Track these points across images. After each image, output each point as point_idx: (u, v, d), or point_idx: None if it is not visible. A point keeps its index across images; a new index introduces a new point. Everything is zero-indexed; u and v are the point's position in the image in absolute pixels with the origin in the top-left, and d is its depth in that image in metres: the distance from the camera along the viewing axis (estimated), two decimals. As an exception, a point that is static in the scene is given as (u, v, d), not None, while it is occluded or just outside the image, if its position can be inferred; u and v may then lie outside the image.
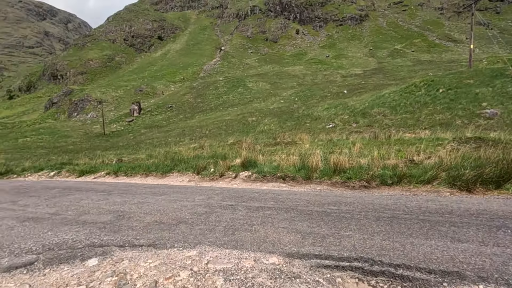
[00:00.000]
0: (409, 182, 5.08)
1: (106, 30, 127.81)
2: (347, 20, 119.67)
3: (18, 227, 4.27)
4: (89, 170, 10.25)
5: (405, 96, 26.33)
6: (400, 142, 9.83)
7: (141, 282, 2.37)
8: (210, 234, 3.32)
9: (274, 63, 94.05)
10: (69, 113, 71.70)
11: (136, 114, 61.54)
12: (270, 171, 6.61)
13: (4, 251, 3.35)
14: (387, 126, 20.26)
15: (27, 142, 46.71)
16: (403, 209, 3.74)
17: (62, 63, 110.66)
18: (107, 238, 3.45)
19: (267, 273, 2.35)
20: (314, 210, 3.96)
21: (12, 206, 5.87)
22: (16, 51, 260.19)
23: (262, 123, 32.65)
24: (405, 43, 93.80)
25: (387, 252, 2.56)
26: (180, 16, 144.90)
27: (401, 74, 57.38)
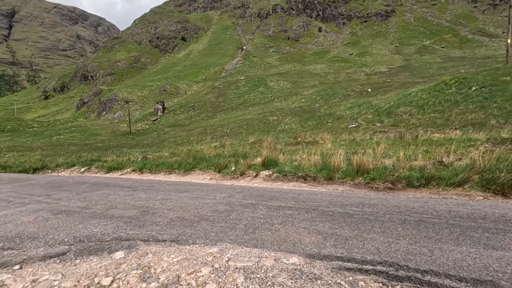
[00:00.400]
0: (437, 185, 4.84)
1: (133, 32, 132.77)
2: (372, 16, 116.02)
3: (52, 219, 4.55)
4: (116, 166, 10.70)
5: (433, 95, 25.11)
6: (428, 143, 9.39)
7: (164, 276, 2.44)
8: (231, 232, 3.35)
9: (295, 62, 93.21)
10: (98, 112, 75.32)
11: (160, 113, 63.44)
12: (291, 170, 6.56)
13: (40, 241, 3.58)
14: (414, 126, 19.43)
15: (61, 139, 49.59)
16: (431, 213, 3.57)
17: (92, 65, 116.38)
18: (133, 232, 3.58)
19: (288, 273, 2.33)
20: (336, 211, 3.88)
21: (47, 199, 6.26)
22: (51, 54, 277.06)
23: (283, 122, 32.49)
24: (435, 39, 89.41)
25: (413, 257, 2.45)
26: (202, 16, 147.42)
27: (430, 71, 54.80)
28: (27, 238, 3.74)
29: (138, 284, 2.36)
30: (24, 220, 4.64)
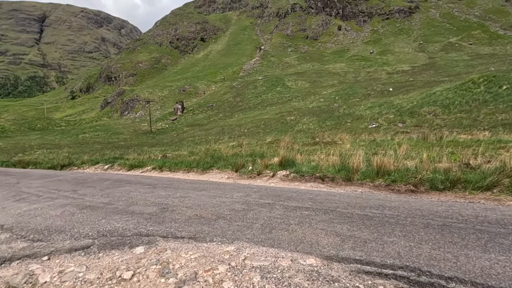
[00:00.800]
0: (464, 188, 4.62)
1: (154, 34, 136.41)
2: (395, 13, 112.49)
3: (78, 213, 4.76)
4: (138, 164, 11.04)
5: (460, 94, 23.99)
6: (453, 144, 8.98)
7: (182, 272, 2.49)
8: (248, 231, 3.36)
9: (314, 61, 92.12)
10: (121, 112, 78.06)
11: (180, 113, 64.78)
12: (308, 171, 6.49)
13: (66, 234, 3.76)
14: (439, 127, 18.65)
15: (86, 137, 51.83)
16: (457, 217, 3.41)
17: (116, 66, 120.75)
18: (152, 229, 3.68)
19: (304, 274, 2.31)
20: (354, 213, 3.80)
21: (73, 194, 6.56)
22: (78, 56, 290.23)
23: (300, 122, 32.21)
24: (462, 36, 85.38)
25: (437, 262, 2.36)
26: (221, 17, 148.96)
27: (456, 69, 52.40)
28: (55, 231, 3.94)
29: (157, 279, 2.42)
30: (52, 214, 4.90)
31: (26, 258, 3.11)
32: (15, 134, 66.11)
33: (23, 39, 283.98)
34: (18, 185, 9.18)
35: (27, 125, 75.79)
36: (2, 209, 5.68)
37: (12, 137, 60.59)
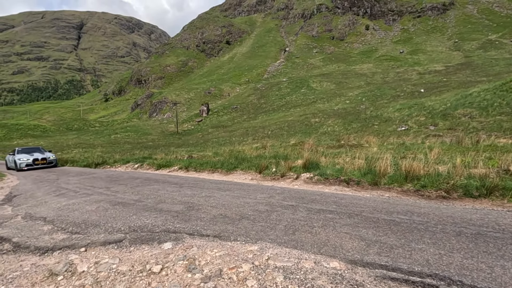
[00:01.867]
0: (502, 196, 4.33)
1: (182, 38, 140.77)
2: (427, 10, 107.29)
3: (111, 209, 5.06)
4: (165, 164, 11.47)
5: (500, 95, 22.35)
6: (491, 149, 8.41)
7: (208, 268, 2.59)
8: (271, 232, 3.40)
9: (340, 62, 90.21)
10: (149, 114, 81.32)
11: (205, 114, 66.23)
12: (333, 173, 6.39)
13: (101, 228, 4.02)
14: (475, 130, 17.51)
15: (117, 138, 54.55)
16: (493, 226, 3.21)
17: (145, 70, 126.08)
18: (179, 226, 3.83)
19: (328, 276, 2.31)
20: (381, 217, 3.70)
21: (106, 191, 6.97)
22: (111, 61, 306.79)
23: (325, 124, 31.68)
24: (502, 32, 79.54)
25: (469, 272, 2.25)
26: (246, 20, 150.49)
27: (496, 69, 48.89)
28: (91, 224, 4.23)
29: (184, 274, 2.53)
30: (88, 209, 5.25)
31: (66, 249, 3.38)
32: (54, 134, 71.22)
33: (63, 46, 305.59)
34: (57, 181, 9.91)
35: (65, 126, 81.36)
36: (45, 202, 6.18)
37: (52, 136, 65.32)
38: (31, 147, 18.44)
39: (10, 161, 16.78)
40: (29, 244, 3.61)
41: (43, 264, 3.02)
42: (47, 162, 16.28)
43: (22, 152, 16.70)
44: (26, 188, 8.95)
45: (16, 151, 16.97)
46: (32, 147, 18.47)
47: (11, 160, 16.66)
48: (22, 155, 16.09)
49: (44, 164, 16.05)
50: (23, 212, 5.39)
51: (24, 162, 15.44)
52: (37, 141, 56.93)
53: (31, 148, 18.00)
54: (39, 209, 5.58)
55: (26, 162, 15.51)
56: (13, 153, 16.91)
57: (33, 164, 15.61)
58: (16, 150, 17.01)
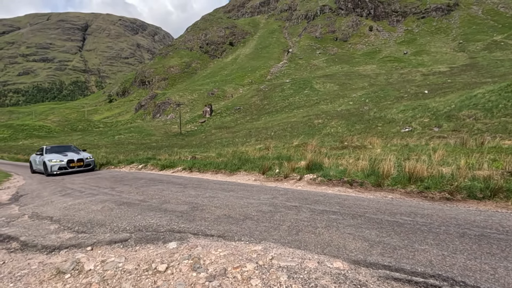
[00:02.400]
0: (506, 198, 4.32)
1: (185, 40, 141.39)
2: (431, 11, 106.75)
3: (116, 209, 5.12)
4: (169, 165, 11.54)
5: (505, 96, 22.17)
6: (496, 150, 8.36)
7: (212, 267, 2.62)
8: (275, 232, 3.43)
9: (343, 63, 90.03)
10: (153, 114, 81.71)
11: (208, 115, 66.41)
12: (336, 175, 6.40)
13: (106, 227, 4.08)
14: (479, 132, 17.40)
15: (121, 138, 54.87)
16: (497, 228, 3.21)
17: (149, 71, 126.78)
18: (184, 226, 3.87)
19: (331, 276, 2.33)
20: (384, 219, 3.72)
21: (111, 191, 7.04)
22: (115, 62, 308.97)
23: (328, 125, 31.63)
24: (508, 33, 78.88)
25: (472, 273, 2.26)
26: (250, 21, 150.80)
27: (501, 70, 48.50)
28: (96, 224, 4.28)
29: (189, 272, 2.57)
30: (93, 208, 5.31)
31: (72, 248, 3.43)
32: (59, 134, 71.86)
33: (68, 47, 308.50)
34: (63, 181, 10.02)
35: (69, 126, 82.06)
36: (51, 202, 6.26)
37: (57, 137, 65.90)
38: (62, 145, 15.01)
39: (37, 162, 13.56)
40: (36, 242, 3.68)
41: (50, 262, 3.08)
42: (84, 165, 12.93)
43: (52, 152, 13.50)
44: (32, 188, 9.06)
45: (44, 150, 13.66)
46: (63, 145, 15.06)
47: (38, 161, 13.45)
48: (53, 155, 12.85)
49: (80, 167, 12.80)
50: (30, 212, 5.47)
51: (56, 165, 12.14)
52: (42, 141, 57.49)
53: (62, 147, 14.68)
54: (45, 208, 5.66)
55: (59, 165, 12.19)
56: (41, 152, 13.62)
57: (67, 167, 12.36)
58: (44, 149, 13.72)
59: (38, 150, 14.47)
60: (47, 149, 13.75)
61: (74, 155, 13.02)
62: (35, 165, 13.93)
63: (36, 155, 14.18)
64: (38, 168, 13.45)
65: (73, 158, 12.68)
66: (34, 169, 14.26)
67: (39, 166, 13.21)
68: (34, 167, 14.12)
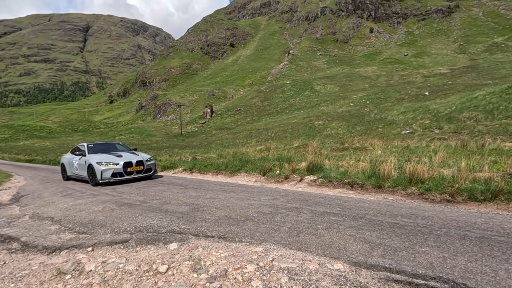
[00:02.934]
0: (507, 200, 4.31)
1: (186, 41, 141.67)
2: (432, 13, 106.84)
3: (117, 210, 5.13)
4: (169, 166, 11.55)
5: (506, 98, 22.16)
6: (497, 152, 8.35)
7: (213, 269, 2.62)
8: (275, 234, 3.43)
9: (344, 64, 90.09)
10: (154, 115, 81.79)
11: (209, 116, 66.46)
12: (336, 176, 6.40)
13: (107, 228, 4.08)
14: (480, 133, 17.38)
15: (122, 139, 54.93)
16: (497, 230, 3.21)
17: (150, 72, 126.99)
18: (185, 227, 3.88)
19: (332, 278, 2.33)
20: (385, 220, 3.71)
21: (112, 192, 7.05)
22: (116, 63, 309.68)
23: (329, 127, 31.63)
24: (509, 35, 78.85)
25: (473, 275, 2.26)
26: (251, 23, 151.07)
27: (502, 72, 48.48)
28: (97, 225, 4.29)
29: (190, 274, 2.57)
30: (94, 209, 5.32)
31: (73, 248, 3.44)
32: (60, 135, 71.98)
33: (69, 48, 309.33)
34: (64, 181, 10.03)
35: (70, 127, 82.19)
36: (52, 203, 6.27)
37: (58, 137, 66.02)
38: (106, 142, 11.25)
39: (76, 166, 9.72)
40: (37, 243, 3.68)
41: (51, 263, 3.08)
42: (144, 170, 9.02)
43: (97, 151, 9.82)
44: (33, 188, 9.07)
45: (86, 148, 9.87)
46: (106, 143, 11.19)
47: (78, 164, 9.61)
48: (101, 155, 9.09)
49: (140, 173, 8.89)
50: (31, 212, 5.48)
51: (109, 170, 8.36)
52: (43, 142, 57.60)
53: (107, 144, 10.95)
54: (46, 209, 5.67)
55: (114, 169, 8.40)
56: (81, 152, 9.87)
57: (124, 173, 8.55)
58: (86, 147, 9.90)
59: (73, 149, 10.89)
60: (89, 147, 10.04)
61: (130, 156, 9.13)
62: (72, 169, 10.16)
63: (72, 155, 10.51)
64: (77, 174, 9.77)
65: (130, 160, 8.77)
66: (69, 175, 10.47)
67: (80, 171, 9.48)
68: (70, 171, 10.35)
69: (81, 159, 9.45)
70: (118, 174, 8.47)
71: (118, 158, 8.84)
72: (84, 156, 9.44)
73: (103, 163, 8.47)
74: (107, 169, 8.36)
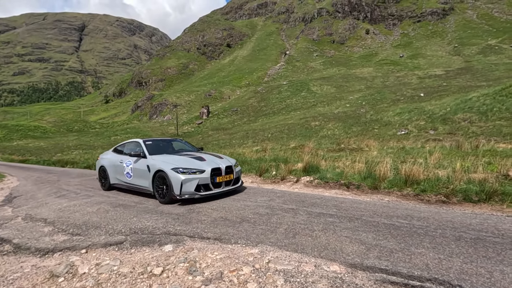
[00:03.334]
0: (501, 201, 4.35)
1: (183, 41, 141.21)
2: (427, 15, 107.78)
3: (112, 211, 5.07)
4: (165, 166, 11.46)
5: (499, 100, 22.41)
6: (491, 154, 8.44)
7: (208, 271, 2.60)
8: (271, 235, 3.41)
9: (340, 65, 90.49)
10: (150, 115, 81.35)
11: (205, 117, 66.28)
12: (333, 177, 6.41)
13: (101, 230, 4.03)
14: (475, 135, 17.55)
15: (117, 139, 54.54)
16: (492, 231, 3.23)
17: (146, 72, 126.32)
18: (180, 228, 3.85)
19: (328, 280, 2.32)
20: (381, 222, 3.72)
21: (107, 193, 6.98)
22: (112, 62, 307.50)
23: (325, 128, 31.72)
24: (502, 38, 79.84)
25: (468, 277, 2.27)
26: (247, 23, 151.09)
27: (496, 74, 49.05)
28: (92, 226, 4.24)
29: (185, 276, 2.54)
30: (89, 210, 5.26)
31: (66, 250, 3.39)
32: (55, 135, 71.25)
33: (64, 47, 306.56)
34: (58, 182, 9.91)
35: (65, 127, 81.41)
36: (46, 204, 6.19)
37: (52, 137, 65.34)
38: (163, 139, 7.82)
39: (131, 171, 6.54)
40: (29, 245, 3.63)
41: (43, 265, 3.03)
42: (234, 179, 6.11)
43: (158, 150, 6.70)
44: (26, 189, 8.95)
45: (143, 146, 6.63)
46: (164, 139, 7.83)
47: (134, 169, 6.44)
48: (171, 158, 6.06)
49: (229, 185, 5.96)
50: (24, 213, 5.40)
51: (193, 180, 5.38)
52: (37, 142, 56.99)
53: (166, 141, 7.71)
54: (39, 210, 5.59)
55: (199, 179, 5.44)
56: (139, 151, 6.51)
57: (212, 186, 5.60)
58: (143, 145, 6.66)
59: (119, 146, 7.53)
60: (147, 144, 6.75)
61: (215, 160, 6.06)
62: (119, 175, 6.93)
63: (118, 155, 7.23)
64: (130, 183, 6.59)
65: (219, 166, 5.80)
66: (112, 183, 7.23)
67: (136, 180, 6.37)
68: (115, 178, 7.10)
69: (139, 162, 6.21)
70: (204, 187, 5.43)
71: (200, 163, 5.66)
72: (143, 157, 6.19)
73: (181, 170, 5.34)
74: (190, 179, 5.27)
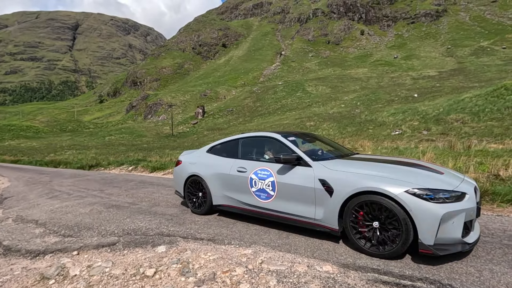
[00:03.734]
0: (491, 201, 4.41)
1: (178, 40, 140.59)
2: (421, 17, 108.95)
3: (105, 212, 5.03)
4: (159, 167, 11.41)
5: (491, 101, 22.77)
6: (482, 154, 8.55)
7: (201, 272, 2.59)
8: (265, 236, 3.42)
9: (335, 66, 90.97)
10: (144, 115, 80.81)
11: (200, 117, 66.06)
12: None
13: (94, 231, 3.99)
14: (467, 135, 17.80)
15: (112, 139, 54.08)
16: (482, 231, 3.28)
17: (141, 71, 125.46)
18: (173, 229, 3.83)
19: (320, 280, 2.33)
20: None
21: (100, 194, 6.92)
22: (106, 62, 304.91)
23: (320, 128, 31.86)
24: (494, 39, 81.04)
25: (458, 276, 2.30)
26: (243, 23, 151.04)
27: (488, 75, 49.78)
28: (84, 227, 4.19)
29: (178, 277, 2.53)
30: (81, 211, 5.20)
31: (58, 252, 3.35)
32: (48, 135, 70.35)
33: (57, 46, 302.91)
34: (51, 183, 9.79)
35: (59, 127, 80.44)
36: (37, 205, 6.10)
37: (45, 137, 64.49)
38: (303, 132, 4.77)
39: (270, 186, 3.45)
40: (20, 247, 3.58)
41: (34, 267, 2.99)
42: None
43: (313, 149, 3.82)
44: (17, 190, 8.82)
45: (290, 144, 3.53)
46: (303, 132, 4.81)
47: (272, 183, 3.43)
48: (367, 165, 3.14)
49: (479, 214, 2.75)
50: (14, 215, 5.32)
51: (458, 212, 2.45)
52: (30, 142, 56.20)
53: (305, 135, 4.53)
54: (31, 211, 5.52)
55: (466, 211, 2.49)
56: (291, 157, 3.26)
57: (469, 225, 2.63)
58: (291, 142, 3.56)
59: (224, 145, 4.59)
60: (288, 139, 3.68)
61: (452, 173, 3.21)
62: (231, 192, 4.01)
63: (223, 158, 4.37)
64: (262, 207, 3.61)
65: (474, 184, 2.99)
66: (216, 203, 4.24)
67: (288, 205, 3.33)
68: (223, 197, 4.14)
69: (293, 173, 3.36)
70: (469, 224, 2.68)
71: (441, 176, 2.91)
72: (298, 165, 3.36)
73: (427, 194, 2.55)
74: (453, 212, 2.48)
